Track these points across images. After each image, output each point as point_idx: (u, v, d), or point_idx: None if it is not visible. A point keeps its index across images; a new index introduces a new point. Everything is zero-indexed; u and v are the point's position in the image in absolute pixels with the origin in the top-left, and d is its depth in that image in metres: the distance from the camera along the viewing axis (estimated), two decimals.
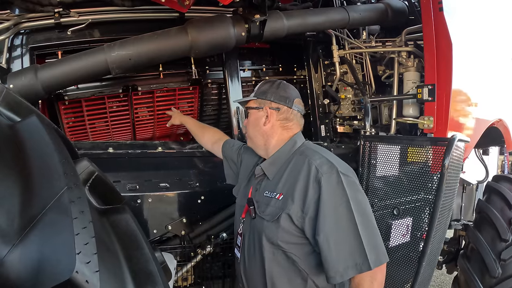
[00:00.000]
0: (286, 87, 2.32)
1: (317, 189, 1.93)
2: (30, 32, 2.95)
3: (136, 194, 2.74)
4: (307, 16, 3.34)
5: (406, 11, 3.89)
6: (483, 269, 3.67)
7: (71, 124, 3.36)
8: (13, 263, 0.84)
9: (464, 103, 3.45)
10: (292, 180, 2.06)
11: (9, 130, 1.09)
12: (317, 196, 1.92)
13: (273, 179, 2.19)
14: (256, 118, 2.31)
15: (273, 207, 2.06)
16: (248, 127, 2.39)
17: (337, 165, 2.00)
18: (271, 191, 2.13)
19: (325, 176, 1.94)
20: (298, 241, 2.00)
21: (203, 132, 3.07)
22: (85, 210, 0.94)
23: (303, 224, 1.95)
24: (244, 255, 2.23)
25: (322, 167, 1.98)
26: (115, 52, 2.67)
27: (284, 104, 2.25)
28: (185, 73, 3.58)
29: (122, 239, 1.20)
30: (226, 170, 2.77)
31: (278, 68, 4.13)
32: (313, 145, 2.29)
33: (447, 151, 2.68)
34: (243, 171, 2.58)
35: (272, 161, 2.24)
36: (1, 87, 1.19)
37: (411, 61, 3.54)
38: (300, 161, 2.10)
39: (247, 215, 2.25)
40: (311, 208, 1.93)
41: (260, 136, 2.30)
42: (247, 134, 2.41)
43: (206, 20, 2.93)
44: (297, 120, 2.31)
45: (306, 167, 2.02)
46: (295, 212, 1.96)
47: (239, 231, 2.32)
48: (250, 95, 2.41)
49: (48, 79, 2.60)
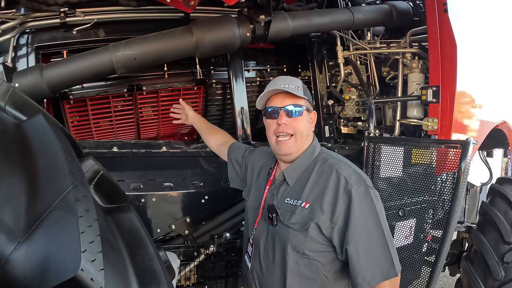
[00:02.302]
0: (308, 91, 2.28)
1: (347, 199, 1.94)
2: (36, 31, 2.96)
3: (140, 193, 2.74)
4: (312, 17, 3.33)
5: (410, 12, 3.88)
6: (486, 271, 3.65)
7: (75, 123, 3.37)
8: (19, 261, 0.84)
9: (469, 105, 3.44)
10: (319, 189, 2.03)
11: (15, 129, 1.10)
12: (346, 207, 1.93)
13: (293, 185, 2.15)
14: (307, 119, 2.23)
15: (299, 215, 2.02)
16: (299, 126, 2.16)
17: (363, 176, 2.03)
18: (294, 199, 2.09)
19: (355, 187, 1.94)
20: (323, 249, 1.99)
21: (210, 133, 3.04)
22: (90, 208, 0.94)
23: (332, 233, 1.95)
24: (259, 263, 2.18)
25: (351, 178, 1.98)
26: (120, 51, 2.68)
27: (313, 108, 2.23)
28: (189, 73, 3.58)
29: (127, 237, 1.20)
30: (230, 173, 2.74)
31: (283, 69, 4.13)
32: (331, 152, 2.27)
33: (464, 153, 2.65)
34: (250, 173, 2.54)
35: (294, 168, 2.18)
36: (7, 86, 1.20)
37: (415, 63, 3.54)
38: (326, 170, 2.07)
39: (264, 222, 2.19)
40: (340, 218, 1.94)
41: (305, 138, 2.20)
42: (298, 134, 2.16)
43: (211, 21, 2.93)
44: None
45: (335, 177, 2.00)
46: (324, 222, 1.95)
47: (250, 240, 2.28)
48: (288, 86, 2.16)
49: (54, 78, 2.60)
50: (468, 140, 2.66)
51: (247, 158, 2.61)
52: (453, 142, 2.83)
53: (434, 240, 2.90)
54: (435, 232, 2.88)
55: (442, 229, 2.72)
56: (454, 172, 2.69)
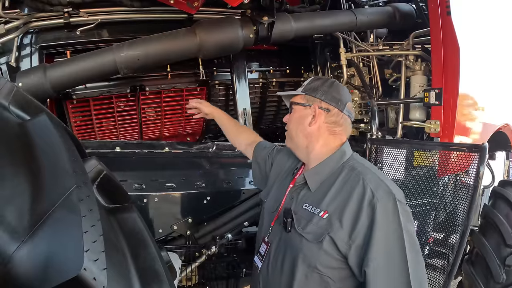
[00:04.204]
0: (339, 88, 2.05)
1: (370, 215, 1.71)
2: (39, 31, 2.98)
3: (142, 193, 2.74)
4: (315, 19, 3.34)
5: (413, 15, 3.89)
6: (488, 274, 3.65)
7: (78, 123, 3.38)
8: (22, 259, 0.85)
9: (471, 108, 3.44)
10: (341, 199, 1.82)
11: (19, 128, 1.10)
12: (368, 223, 1.71)
13: (315, 191, 1.95)
14: (301, 116, 2.05)
15: (315, 225, 1.82)
16: (289, 124, 2.13)
17: (393, 189, 1.78)
18: (313, 206, 1.89)
19: (381, 203, 1.71)
20: (337, 266, 1.78)
21: (237, 131, 2.85)
22: (93, 208, 0.95)
23: (348, 251, 1.74)
24: (267, 267, 2.02)
25: (378, 191, 1.75)
26: (123, 52, 2.69)
27: (335, 106, 1.99)
28: (192, 74, 3.59)
29: (129, 237, 1.20)
30: (254, 172, 2.61)
31: (286, 70, 4.13)
32: (361, 158, 2.04)
33: (481, 158, 2.61)
34: (274, 173, 2.38)
35: (317, 171, 1.98)
36: (11, 85, 1.20)
37: (418, 65, 3.54)
38: (352, 179, 1.85)
39: (279, 226, 2.01)
40: (360, 236, 1.72)
41: (302, 137, 2.05)
42: (287, 133, 2.16)
43: (214, 22, 2.94)
44: (346, 126, 2.05)
45: (360, 188, 1.78)
46: (341, 237, 1.74)
47: (266, 239, 2.10)
48: (298, 89, 2.12)
49: (57, 78, 2.62)
50: (484, 145, 2.63)
51: (273, 157, 2.46)
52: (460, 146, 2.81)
53: (435, 242, 2.90)
54: (437, 235, 2.87)
55: (444, 231, 2.71)
56: (456, 174, 2.69)
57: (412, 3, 4.00)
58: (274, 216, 2.09)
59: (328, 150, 2.00)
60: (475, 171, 2.62)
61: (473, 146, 2.75)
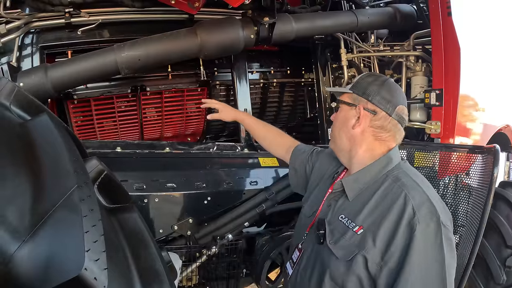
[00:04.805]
0: (391, 88, 1.84)
1: (408, 237, 1.51)
2: (41, 31, 2.98)
3: (143, 193, 2.74)
4: (315, 19, 3.35)
5: (414, 15, 3.89)
6: (488, 275, 3.64)
7: (79, 123, 3.38)
8: (23, 259, 0.85)
9: (472, 108, 3.44)
10: (379, 213, 1.63)
11: (20, 128, 1.10)
12: (404, 246, 1.51)
13: (353, 200, 1.76)
14: (345, 116, 1.87)
15: (348, 241, 1.65)
16: (334, 124, 1.96)
17: (439, 209, 1.57)
18: (349, 218, 1.71)
19: (422, 224, 1.51)
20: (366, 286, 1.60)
21: (273, 137, 2.58)
22: (94, 208, 0.95)
23: (379, 273, 1.56)
24: (296, 276, 1.90)
25: (421, 209, 1.54)
26: (124, 52, 2.70)
27: (383, 109, 1.78)
28: (193, 74, 3.59)
29: (130, 237, 1.21)
30: (291, 178, 2.44)
31: (286, 71, 4.14)
32: (410, 169, 1.83)
33: (496, 160, 2.59)
34: (315, 177, 2.21)
35: (357, 178, 1.79)
36: (12, 85, 1.20)
37: (419, 66, 3.54)
38: (394, 191, 1.65)
39: (313, 234, 1.85)
40: (394, 258, 1.52)
41: (345, 140, 1.87)
42: (331, 133, 2.00)
43: (215, 22, 2.95)
44: (395, 132, 1.83)
45: (401, 204, 1.58)
46: (373, 257, 1.56)
47: (299, 245, 1.96)
48: (347, 86, 1.96)
49: (58, 78, 2.62)
50: (496, 147, 2.60)
51: (314, 160, 2.28)
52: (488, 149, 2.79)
53: None
54: None
55: None
56: (457, 176, 2.68)
57: (413, 4, 4.00)
58: (310, 221, 1.95)
59: (372, 156, 1.81)
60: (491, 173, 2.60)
61: (483, 148, 2.73)
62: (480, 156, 2.64)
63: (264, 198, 3.06)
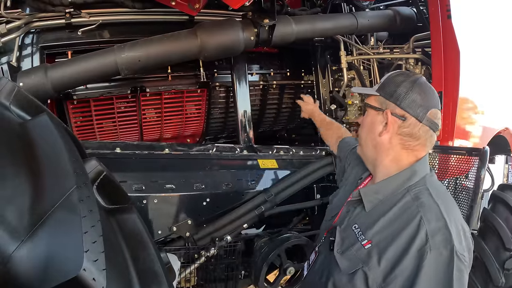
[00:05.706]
0: (422, 89, 1.67)
1: (416, 264, 1.39)
2: (41, 32, 2.97)
3: (142, 194, 2.74)
4: (315, 22, 3.35)
5: (414, 18, 3.89)
6: (487, 278, 3.64)
7: (79, 123, 3.38)
8: (21, 259, 0.85)
9: (471, 111, 3.45)
10: (391, 232, 1.51)
11: (20, 128, 1.10)
12: (410, 273, 1.40)
13: (369, 211, 1.65)
14: (372, 121, 1.74)
15: (354, 253, 1.57)
16: (361, 129, 1.84)
17: (455, 237, 1.42)
18: (361, 230, 1.61)
19: (434, 253, 1.39)
20: None
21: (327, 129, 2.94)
22: (93, 209, 0.95)
23: None
24: (309, 278, 1.86)
25: (435, 236, 1.41)
26: (124, 53, 2.69)
27: (412, 114, 1.62)
28: (193, 76, 3.59)
29: (129, 238, 1.21)
30: (337, 168, 2.44)
31: (286, 73, 4.14)
32: (435, 185, 1.64)
33: (482, 161, 2.60)
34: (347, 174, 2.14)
35: (377, 189, 1.68)
36: (12, 85, 1.20)
37: (418, 68, 3.55)
38: (411, 212, 1.51)
39: (328, 241, 1.78)
40: (397, 283, 1.41)
41: (371, 147, 1.75)
42: (359, 137, 1.88)
43: (215, 24, 2.95)
44: (425, 139, 1.66)
45: (415, 226, 1.45)
46: (375, 276, 1.47)
47: (316, 248, 1.91)
48: (374, 86, 1.83)
49: (58, 79, 2.62)
50: (485, 148, 2.63)
51: (351, 155, 2.20)
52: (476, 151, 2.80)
53: None
54: None
55: None
56: (456, 178, 2.69)
57: (412, 7, 4.00)
58: (329, 226, 1.87)
59: (398, 167, 1.67)
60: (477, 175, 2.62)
61: (473, 150, 2.75)
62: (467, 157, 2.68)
63: (263, 200, 3.06)
